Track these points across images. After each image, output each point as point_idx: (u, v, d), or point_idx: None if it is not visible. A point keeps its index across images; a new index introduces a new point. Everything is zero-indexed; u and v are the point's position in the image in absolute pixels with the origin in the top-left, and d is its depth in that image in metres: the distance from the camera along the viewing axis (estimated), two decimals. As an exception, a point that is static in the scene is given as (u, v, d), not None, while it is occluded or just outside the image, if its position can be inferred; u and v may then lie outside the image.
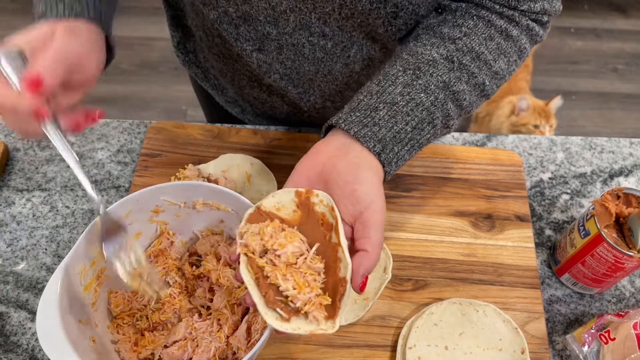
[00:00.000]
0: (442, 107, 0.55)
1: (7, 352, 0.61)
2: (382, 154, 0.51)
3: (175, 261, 0.63)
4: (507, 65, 0.59)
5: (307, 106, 0.77)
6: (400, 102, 0.53)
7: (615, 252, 0.59)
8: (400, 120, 0.53)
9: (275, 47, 0.67)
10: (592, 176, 0.78)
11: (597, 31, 2.39)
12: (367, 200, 0.48)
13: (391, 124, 0.52)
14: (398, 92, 0.54)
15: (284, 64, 0.70)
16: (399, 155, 0.53)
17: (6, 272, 0.67)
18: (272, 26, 0.64)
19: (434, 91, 0.55)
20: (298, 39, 0.65)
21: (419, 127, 0.54)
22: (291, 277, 0.45)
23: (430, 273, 0.67)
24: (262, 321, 0.57)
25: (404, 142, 0.53)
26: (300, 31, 0.64)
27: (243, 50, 0.68)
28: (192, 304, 0.61)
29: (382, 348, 0.62)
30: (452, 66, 0.56)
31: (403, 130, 0.53)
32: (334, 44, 0.66)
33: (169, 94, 2.09)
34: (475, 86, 0.57)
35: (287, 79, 0.72)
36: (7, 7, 2.32)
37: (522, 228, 0.71)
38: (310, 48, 0.67)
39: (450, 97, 0.56)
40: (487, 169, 0.76)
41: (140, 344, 0.57)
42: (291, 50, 0.67)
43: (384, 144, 0.52)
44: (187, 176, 0.71)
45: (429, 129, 0.55)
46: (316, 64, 0.69)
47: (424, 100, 0.54)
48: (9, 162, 0.76)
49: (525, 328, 0.63)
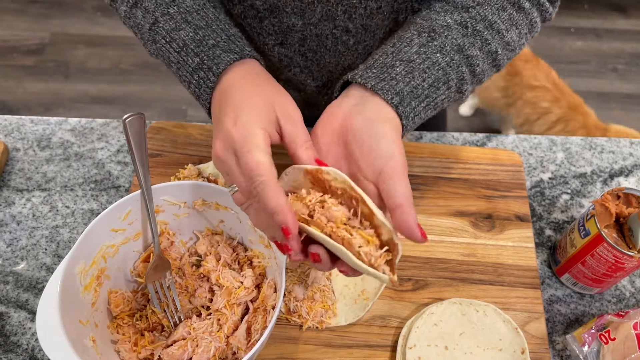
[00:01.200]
0: (457, 69, 0.56)
1: (7, 352, 0.61)
2: (399, 106, 0.52)
3: (175, 261, 0.63)
4: (518, 37, 0.60)
5: (325, 100, 0.78)
6: (416, 60, 0.54)
7: (616, 252, 0.59)
8: (417, 77, 0.53)
9: (298, 39, 0.68)
10: (592, 176, 0.78)
11: (597, 31, 2.39)
12: (386, 155, 0.47)
13: (408, 79, 0.53)
14: (414, 51, 0.55)
15: (305, 56, 0.71)
16: (416, 110, 0.53)
17: (6, 272, 0.67)
18: (298, 17, 0.65)
19: (449, 52, 0.56)
20: (322, 30, 0.66)
21: (435, 85, 0.55)
22: (356, 234, 0.45)
23: (430, 273, 0.67)
24: (261, 321, 0.57)
25: (420, 98, 0.54)
26: (326, 22, 0.65)
27: (265, 44, 0.69)
28: (192, 304, 0.61)
29: (382, 348, 0.62)
30: (466, 32, 0.57)
31: (420, 87, 0.53)
32: (356, 41, 0.67)
33: (169, 94, 2.09)
34: (488, 54, 0.58)
35: (307, 72, 0.73)
36: (7, 7, 2.33)
37: (522, 228, 0.71)
38: (333, 40, 0.68)
39: (465, 61, 0.56)
40: (487, 169, 0.76)
41: (140, 344, 0.57)
42: (314, 42, 0.68)
43: (402, 97, 0.52)
44: (187, 176, 0.71)
45: (444, 89, 0.55)
46: (337, 56, 0.70)
47: (439, 60, 0.55)
48: (8, 162, 0.76)
49: (526, 328, 0.63)
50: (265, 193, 0.45)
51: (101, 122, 0.80)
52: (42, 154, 0.77)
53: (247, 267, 0.61)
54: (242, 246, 0.63)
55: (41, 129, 0.79)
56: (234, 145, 0.47)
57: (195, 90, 0.55)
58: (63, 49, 2.20)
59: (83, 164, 0.76)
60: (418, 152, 0.77)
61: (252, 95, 0.50)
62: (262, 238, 0.59)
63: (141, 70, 2.15)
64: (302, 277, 0.64)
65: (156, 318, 0.59)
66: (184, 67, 0.55)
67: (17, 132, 0.79)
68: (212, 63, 0.53)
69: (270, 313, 0.56)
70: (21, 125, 0.79)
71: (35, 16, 2.30)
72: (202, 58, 0.54)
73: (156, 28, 0.57)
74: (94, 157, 0.77)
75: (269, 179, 0.45)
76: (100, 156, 0.77)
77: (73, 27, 2.27)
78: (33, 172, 0.75)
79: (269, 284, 0.58)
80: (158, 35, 0.57)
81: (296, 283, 0.63)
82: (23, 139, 0.78)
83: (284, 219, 0.44)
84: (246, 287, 0.59)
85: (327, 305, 0.63)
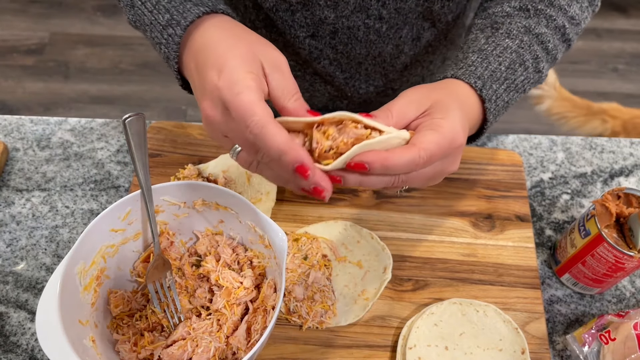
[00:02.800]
0: (529, 49, 0.57)
1: (6, 352, 0.61)
2: (483, 89, 0.53)
3: (175, 261, 0.63)
4: (580, 11, 0.61)
5: (351, 91, 0.79)
6: (487, 49, 0.56)
7: (616, 252, 0.59)
8: (492, 61, 0.55)
9: (329, 31, 0.69)
10: (593, 176, 0.78)
11: (598, 31, 2.39)
12: (450, 133, 0.47)
13: (485, 64, 0.54)
14: (483, 42, 0.57)
15: (335, 48, 0.71)
16: (498, 93, 0.54)
17: (6, 272, 0.67)
18: (331, 10, 0.65)
19: (517, 35, 0.57)
20: (354, 22, 0.67)
21: (511, 67, 0.55)
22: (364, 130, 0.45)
23: (430, 273, 0.67)
24: (261, 321, 0.57)
25: (500, 81, 0.54)
26: (358, 13, 0.65)
27: (296, 37, 0.70)
28: (191, 304, 0.61)
29: (382, 348, 0.62)
30: (528, 14, 0.58)
31: (498, 70, 0.55)
32: (389, 26, 0.68)
33: (169, 94, 2.09)
34: (555, 29, 0.59)
35: (336, 64, 0.74)
36: (7, 7, 2.32)
37: (523, 228, 0.71)
38: (365, 31, 0.68)
39: (535, 40, 0.57)
40: (487, 169, 0.76)
41: (139, 344, 0.57)
42: (345, 34, 0.69)
43: (484, 80, 0.53)
44: (187, 176, 0.71)
45: (522, 70, 0.56)
46: (368, 47, 0.71)
47: (510, 44, 0.56)
48: (8, 161, 0.76)
49: (526, 328, 0.63)
50: (264, 134, 0.40)
51: (101, 122, 0.80)
52: (42, 154, 0.77)
53: (247, 267, 0.61)
54: (242, 246, 0.63)
55: (41, 129, 0.79)
56: (223, 97, 0.43)
57: (165, 50, 0.51)
58: (63, 48, 2.20)
59: (83, 164, 0.76)
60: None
61: (233, 47, 0.46)
62: (262, 238, 0.59)
63: (141, 70, 2.15)
64: (302, 277, 0.64)
65: (156, 318, 0.59)
66: (155, 27, 0.52)
67: (16, 132, 0.79)
68: (181, 17, 0.50)
69: (270, 313, 0.56)
70: (21, 125, 0.79)
71: (35, 16, 2.30)
72: (172, 13, 0.51)
73: None
74: (94, 157, 0.77)
75: (265, 117, 0.41)
76: (100, 156, 0.77)
77: (73, 27, 2.27)
78: (33, 172, 0.75)
79: (269, 284, 0.58)
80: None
81: (296, 283, 0.63)
82: (23, 138, 0.78)
83: (294, 156, 0.40)
84: (246, 287, 0.59)
85: (327, 306, 0.63)
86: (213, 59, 0.46)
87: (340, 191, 0.73)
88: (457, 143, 0.48)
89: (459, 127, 0.48)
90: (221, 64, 0.45)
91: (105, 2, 2.34)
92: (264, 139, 0.41)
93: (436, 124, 0.47)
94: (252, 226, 0.59)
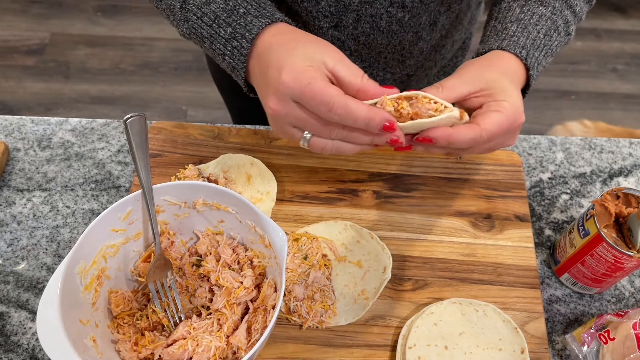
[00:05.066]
0: (560, 14, 0.61)
1: (7, 352, 0.61)
2: (528, 58, 0.57)
3: (176, 261, 0.63)
4: None
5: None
6: (524, 18, 0.60)
7: (615, 252, 0.59)
8: (531, 30, 0.59)
9: (352, 20, 0.70)
10: (592, 176, 0.78)
11: (597, 31, 2.39)
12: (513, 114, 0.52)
13: (526, 34, 0.58)
14: (518, 12, 0.60)
15: (357, 39, 0.73)
16: (539, 60, 0.59)
17: (6, 272, 0.67)
18: None
19: (549, 2, 0.61)
20: (377, 9, 0.68)
21: (548, 34, 0.60)
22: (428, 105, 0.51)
23: (430, 273, 0.67)
24: (262, 321, 0.57)
25: (540, 48, 0.59)
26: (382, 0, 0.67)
27: (319, 29, 0.71)
28: (192, 303, 0.61)
29: (382, 348, 0.62)
30: None
31: (537, 38, 0.59)
32: (411, 15, 0.70)
33: (169, 94, 2.10)
34: None
35: (356, 54, 0.76)
36: (7, 7, 2.33)
37: (522, 228, 0.71)
38: (387, 20, 0.70)
39: (564, 5, 0.62)
40: (487, 169, 0.76)
41: (140, 344, 0.57)
42: (367, 23, 0.70)
43: (527, 49, 0.57)
44: (187, 176, 0.71)
45: (556, 35, 0.61)
46: (389, 37, 0.73)
47: (544, 12, 0.60)
48: (9, 162, 0.76)
49: (525, 328, 0.63)
50: (349, 110, 0.46)
51: (101, 122, 0.81)
52: (43, 154, 0.77)
53: (247, 267, 0.61)
54: (243, 246, 0.63)
55: (42, 129, 0.79)
56: (291, 90, 0.47)
57: (230, 61, 0.55)
58: (63, 49, 2.20)
59: (83, 164, 0.76)
60: (418, 152, 0.77)
61: (293, 48, 0.50)
62: (262, 238, 0.59)
63: (141, 70, 2.15)
64: (302, 277, 0.64)
65: (156, 317, 0.59)
66: (217, 40, 0.56)
67: (17, 132, 0.79)
68: (245, 30, 0.54)
69: (271, 313, 0.57)
70: (22, 126, 0.80)
71: (36, 16, 2.30)
72: (234, 27, 0.54)
73: (187, 5, 0.58)
74: (95, 157, 0.77)
75: (342, 95, 0.47)
76: (101, 156, 0.77)
77: (73, 28, 2.27)
78: (33, 172, 0.75)
79: (269, 284, 0.58)
80: (189, 13, 0.57)
81: (296, 283, 0.63)
82: (24, 139, 0.78)
83: (381, 118, 0.47)
84: (246, 287, 0.59)
85: (327, 305, 0.63)
86: (274, 60, 0.50)
87: (341, 191, 0.73)
88: (519, 122, 0.54)
89: (521, 108, 0.54)
90: (281, 63, 0.49)
91: (105, 2, 2.34)
92: (350, 114, 0.47)
93: (500, 106, 0.53)
94: (252, 226, 0.59)
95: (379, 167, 0.76)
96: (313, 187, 0.73)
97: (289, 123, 0.50)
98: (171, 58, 2.19)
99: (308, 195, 0.73)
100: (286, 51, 0.50)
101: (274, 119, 0.50)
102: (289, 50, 0.50)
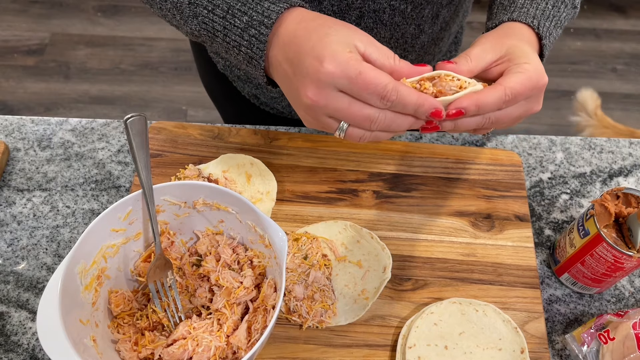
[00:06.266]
0: None
1: (7, 351, 0.61)
2: (540, 27, 0.58)
3: (176, 261, 0.63)
4: None
5: None
6: None
7: (615, 252, 0.59)
8: (540, 2, 0.60)
9: (355, 17, 0.70)
10: (592, 176, 0.79)
11: (597, 31, 2.39)
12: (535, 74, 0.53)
13: (535, 5, 0.59)
14: None
15: None
16: (550, 30, 0.59)
17: (7, 272, 0.67)
18: None
19: None
20: (380, 4, 0.68)
21: (556, 5, 0.61)
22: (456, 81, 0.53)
23: (430, 273, 0.67)
24: (262, 321, 0.57)
25: (550, 18, 0.60)
26: None
27: None
28: (192, 303, 0.61)
29: (382, 348, 0.62)
30: None
31: (546, 9, 0.60)
32: (413, 7, 0.70)
33: (169, 94, 2.10)
34: None
35: None
36: (7, 7, 2.33)
37: (522, 228, 0.71)
38: (390, 13, 0.70)
39: None
40: (487, 169, 0.76)
41: (140, 344, 0.57)
42: (371, 18, 0.70)
43: (538, 19, 0.58)
44: (188, 176, 0.71)
45: (564, 7, 0.62)
46: (392, 30, 0.73)
47: None
48: (9, 161, 0.76)
49: (525, 328, 0.63)
50: (401, 97, 0.47)
51: (102, 122, 0.81)
52: (43, 154, 0.77)
53: (247, 267, 0.61)
54: (243, 246, 0.63)
55: (42, 129, 0.79)
56: (335, 80, 0.47)
57: (248, 51, 0.53)
58: (63, 49, 2.20)
59: (84, 164, 0.76)
60: (418, 152, 0.77)
61: (325, 35, 0.49)
62: (262, 238, 0.59)
63: (141, 70, 2.16)
64: (302, 277, 0.64)
65: (156, 317, 0.59)
66: (231, 31, 0.54)
67: (17, 132, 0.79)
68: (262, 17, 0.52)
69: (271, 313, 0.57)
70: (22, 126, 0.80)
71: (36, 16, 2.30)
72: (250, 15, 0.52)
73: (196, 0, 0.56)
74: (95, 157, 0.77)
75: (394, 82, 0.47)
76: (101, 156, 0.77)
77: (73, 28, 2.27)
78: (34, 172, 0.75)
79: (269, 284, 0.58)
80: (199, 7, 0.55)
81: (296, 283, 0.63)
82: (24, 139, 0.78)
83: (431, 104, 0.49)
84: (246, 287, 0.59)
85: (327, 305, 0.63)
86: (307, 48, 0.49)
87: (340, 191, 0.73)
88: (541, 82, 0.53)
89: (542, 69, 0.54)
90: (319, 52, 0.48)
91: (105, 2, 2.34)
92: (403, 100, 0.48)
93: (522, 67, 0.53)
94: (253, 226, 0.59)
95: (378, 167, 0.76)
96: (313, 187, 0.73)
97: (326, 114, 0.49)
98: (171, 58, 2.19)
99: (308, 195, 0.73)
100: (318, 38, 0.49)
101: (311, 108, 0.49)
102: (321, 37, 0.49)
